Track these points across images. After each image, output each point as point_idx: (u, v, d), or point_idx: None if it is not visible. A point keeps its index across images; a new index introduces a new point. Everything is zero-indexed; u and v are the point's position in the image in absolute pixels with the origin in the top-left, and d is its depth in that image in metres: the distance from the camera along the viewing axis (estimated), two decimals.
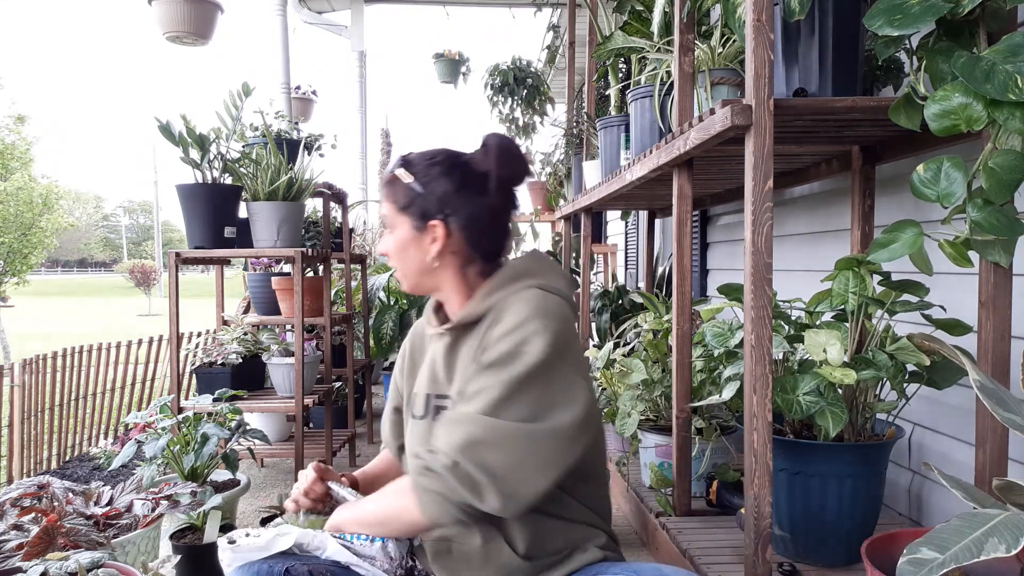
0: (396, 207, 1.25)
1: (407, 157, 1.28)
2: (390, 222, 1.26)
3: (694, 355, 2.01)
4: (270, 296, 3.22)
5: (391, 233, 1.26)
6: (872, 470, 1.56)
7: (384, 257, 1.30)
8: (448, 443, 1.08)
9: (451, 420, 1.12)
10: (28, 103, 76.54)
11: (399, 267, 1.27)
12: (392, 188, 1.26)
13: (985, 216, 1.21)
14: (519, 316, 1.13)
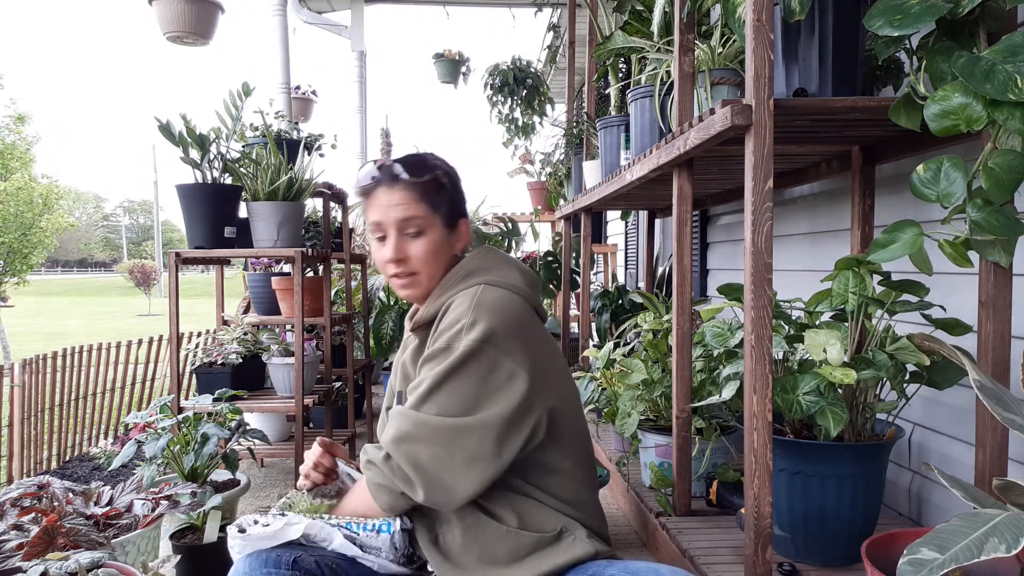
0: (431, 209, 1.25)
1: (432, 160, 1.29)
2: (420, 225, 1.24)
3: (694, 355, 2.01)
4: (270, 296, 3.22)
5: (421, 236, 1.25)
6: (872, 470, 1.56)
7: (394, 266, 1.25)
8: (385, 437, 1.16)
9: (392, 414, 1.21)
10: (28, 103, 76.59)
11: (427, 271, 1.26)
12: (425, 190, 1.25)
13: (985, 216, 1.21)
14: (455, 312, 1.19)
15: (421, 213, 1.24)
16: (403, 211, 1.23)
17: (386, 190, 1.25)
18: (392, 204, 1.24)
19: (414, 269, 1.25)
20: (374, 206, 1.26)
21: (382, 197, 1.25)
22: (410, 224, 1.24)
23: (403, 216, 1.23)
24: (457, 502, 1.13)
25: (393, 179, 1.24)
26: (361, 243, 5.57)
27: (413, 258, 1.24)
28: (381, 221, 1.25)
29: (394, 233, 1.24)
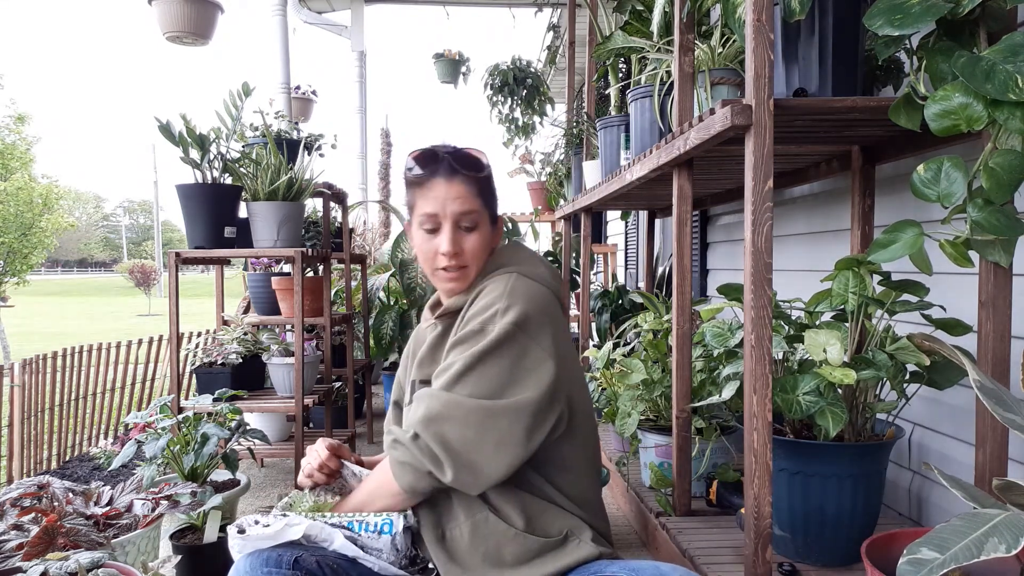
0: (483, 204, 1.26)
1: (482, 157, 1.29)
2: (476, 218, 1.24)
3: (694, 355, 2.00)
4: (270, 296, 3.22)
5: (475, 230, 1.25)
6: (872, 470, 1.56)
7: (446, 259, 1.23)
8: (412, 417, 1.16)
9: (419, 396, 1.20)
10: (28, 103, 76.63)
11: (476, 264, 1.26)
12: (480, 186, 1.25)
13: (985, 216, 1.21)
14: (488, 297, 1.20)
15: (477, 208, 1.24)
16: (462, 204, 1.22)
17: (445, 182, 1.23)
18: (451, 197, 1.22)
19: (465, 263, 1.24)
20: (429, 197, 1.23)
21: (439, 188, 1.22)
22: (467, 218, 1.23)
23: (463, 210, 1.22)
24: (484, 485, 1.13)
25: (453, 171, 1.23)
26: (361, 243, 5.57)
27: (467, 252, 1.24)
28: (436, 213, 1.23)
29: (450, 226, 1.22)
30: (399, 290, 4.29)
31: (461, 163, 1.23)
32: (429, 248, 1.24)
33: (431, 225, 1.23)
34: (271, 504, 2.61)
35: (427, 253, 1.25)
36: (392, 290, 4.48)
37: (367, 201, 6.59)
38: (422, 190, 1.24)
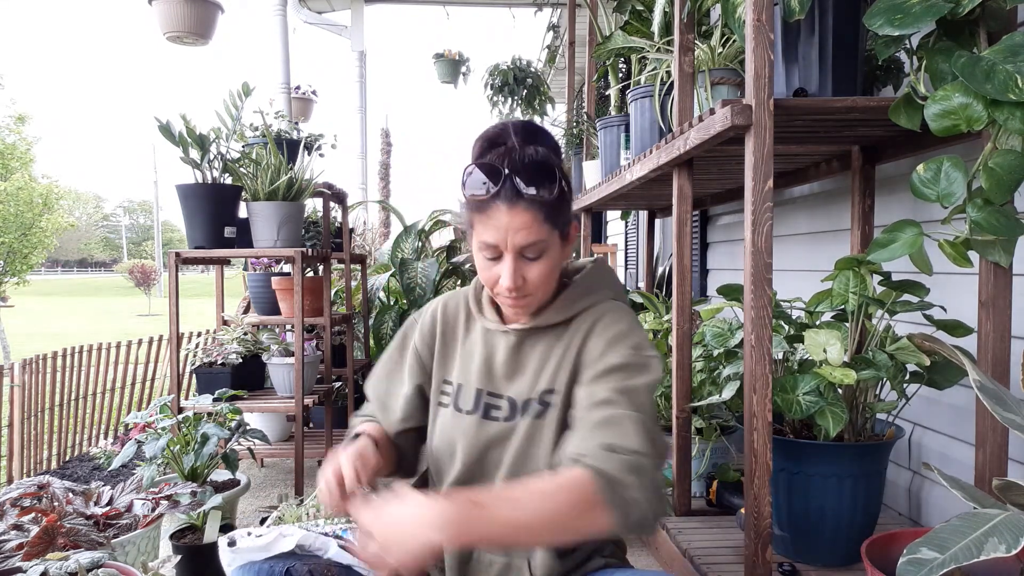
0: (551, 228, 1.08)
1: (554, 162, 1.10)
2: (542, 248, 1.08)
3: (694, 355, 2.00)
4: (270, 296, 3.22)
5: (541, 258, 1.09)
6: (872, 470, 1.56)
7: (508, 291, 1.09)
8: (636, 442, 0.98)
9: (614, 420, 1.01)
10: (29, 103, 76.62)
11: (542, 292, 1.12)
12: (550, 209, 1.07)
13: (985, 216, 1.21)
14: (621, 326, 1.12)
15: (544, 236, 1.07)
16: (526, 236, 1.06)
17: (507, 208, 1.05)
18: (514, 228, 1.06)
19: (529, 292, 1.11)
20: (489, 225, 1.07)
21: (500, 216, 1.06)
22: (532, 248, 1.07)
23: (526, 242, 1.06)
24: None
25: (516, 195, 1.05)
26: (361, 243, 5.57)
27: (530, 282, 1.10)
28: (497, 243, 1.07)
29: (511, 257, 1.07)
30: (399, 290, 4.29)
31: (529, 180, 1.06)
32: (490, 275, 1.12)
33: (491, 254, 1.09)
34: (271, 504, 2.61)
35: (488, 279, 1.13)
36: (392, 290, 4.48)
37: (367, 201, 6.59)
38: (480, 215, 1.08)
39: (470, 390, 1.20)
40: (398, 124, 71.75)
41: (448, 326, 1.26)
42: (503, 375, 1.18)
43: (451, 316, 1.27)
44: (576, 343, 1.14)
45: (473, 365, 1.21)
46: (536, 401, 1.15)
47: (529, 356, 1.17)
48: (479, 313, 1.23)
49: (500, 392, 1.18)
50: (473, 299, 1.25)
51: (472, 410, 1.19)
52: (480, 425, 1.17)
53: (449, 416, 1.21)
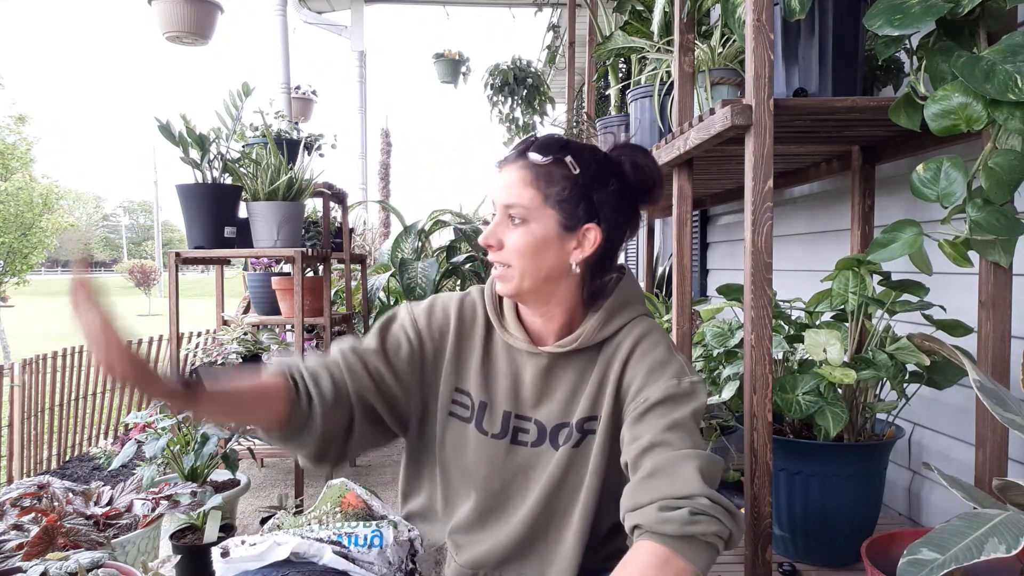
0: (544, 197, 1.06)
1: (568, 143, 1.10)
2: (525, 213, 1.06)
3: (694, 355, 2.00)
4: (270, 296, 3.22)
5: (523, 225, 1.06)
6: (872, 470, 1.56)
7: (490, 249, 1.09)
8: (689, 486, 0.95)
9: (661, 468, 0.98)
10: (29, 103, 76.68)
11: (522, 266, 1.07)
12: (545, 173, 1.07)
13: (985, 216, 1.21)
14: (660, 351, 1.10)
15: (526, 200, 1.06)
16: (509, 195, 1.07)
17: (501, 169, 1.10)
18: (500, 184, 1.08)
19: (505, 260, 1.08)
20: (491, 187, 1.11)
21: (496, 177, 1.10)
22: (513, 210, 1.06)
23: (507, 201, 1.07)
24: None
25: (518, 155, 1.09)
26: (361, 243, 5.57)
27: (506, 248, 1.07)
28: (493, 200, 1.10)
29: (496, 216, 1.09)
30: (399, 290, 4.29)
31: (531, 146, 1.08)
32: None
33: (494, 212, 1.11)
34: (271, 504, 2.61)
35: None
36: (392, 290, 4.48)
37: (367, 201, 6.59)
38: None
39: (496, 412, 1.14)
40: (398, 124, 71.79)
41: (464, 330, 1.18)
42: (531, 397, 1.14)
43: (467, 321, 1.19)
44: (615, 369, 1.10)
45: (499, 384, 1.15)
46: (575, 428, 1.11)
47: (560, 379, 1.13)
48: (501, 327, 1.16)
49: (528, 415, 1.14)
50: (492, 309, 1.17)
51: (500, 434, 1.14)
52: (508, 451, 1.13)
53: (472, 436, 1.15)
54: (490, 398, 1.15)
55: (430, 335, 1.17)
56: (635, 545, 0.93)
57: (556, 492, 1.11)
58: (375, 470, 3.37)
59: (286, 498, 2.42)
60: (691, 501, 0.93)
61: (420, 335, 1.17)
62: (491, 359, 1.17)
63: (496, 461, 1.13)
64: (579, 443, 1.11)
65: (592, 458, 1.10)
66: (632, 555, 0.92)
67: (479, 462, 1.14)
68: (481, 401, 1.15)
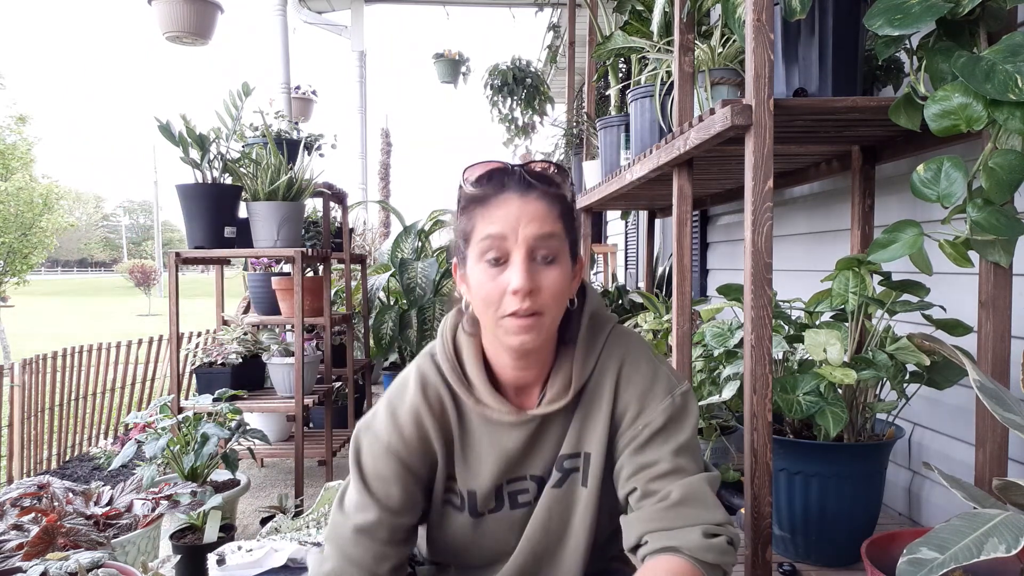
0: (565, 232, 0.96)
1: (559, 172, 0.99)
2: (557, 249, 0.94)
3: (694, 355, 2.00)
4: (270, 296, 3.22)
5: (554, 264, 0.94)
6: (872, 470, 1.56)
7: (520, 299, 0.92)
8: (716, 512, 0.97)
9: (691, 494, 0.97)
10: (29, 103, 76.74)
11: (554, 312, 0.96)
12: (564, 207, 0.96)
13: (985, 216, 1.21)
14: (644, 368, 1.04)
15: (559, 232, 0.94)
16: (541, 226, 0.92)
17: (518, 195, 0.93)
18: (527, 216, 0.92)
19: (542, 307, 0.93)
20: (496, 216, 0.93)
21: (512, 203, 0.93)
22: (545, 245, 0.93)
23: (541, 232, 0.92)
24: None
25: (527, 184, 0.94)
26: (361, 243, 5.57)
27: (545, 291, 0.93)
28: (505, 235, 0.92)
29: (522, 255, 0.91)
30: (399, 290, 4.29)
31: (538, 177, 0.95)
32: (493, 288, 0.93)
33: (496, 253, 0.92)
34: (271, 504, 2.60)
35: (490, 294, 0.93)
36: (392, 290, 4.48)
37: (367, 201, 6.59)
38: (485, 208, 0.94)
39: (487, 493, 1.06)
40: (398, 124, 71.85)
41: (440, 422, 1.04)
42: (520, 460, 1.05)
43: (438, 409, 1.04)
44: (605, 401, 1.03)
45: (483, 468, 1.05)
46: (555, 468, 1.05)
47: (550, 432, 1.05)
48: (474, 401, 1.03)
49: (521, 475, 1.06)
50: (457, 381, 1.03)
51: (495, 507, 1.07)
52: (510, 516, 1.08)
53: (468, 522, 1.08)
54: (477, 484, 1.06)
55: (410, 453, 1.03)
56: (675, 562, 0.92)
57: (540, 537, 1.07)
58: None
59: (286, 498, 2.42)
60: (724, 529, 0.95)
61: (402, 459, 1.03)
62: (469, 441, 1.05)
63: (500, 530, 1.08)
64: (560, 482, 1.05)
65: (583, 495, 1.05)
66: (670, 570, 0.92)
67: (481, 539, 1.09)
68: (469, 490, 1.06)
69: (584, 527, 1.04)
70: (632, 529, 0.99)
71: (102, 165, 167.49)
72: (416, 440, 1.02)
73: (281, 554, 1.16)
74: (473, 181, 0.96)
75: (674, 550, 0.94)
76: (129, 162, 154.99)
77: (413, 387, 1.04)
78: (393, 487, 1.01)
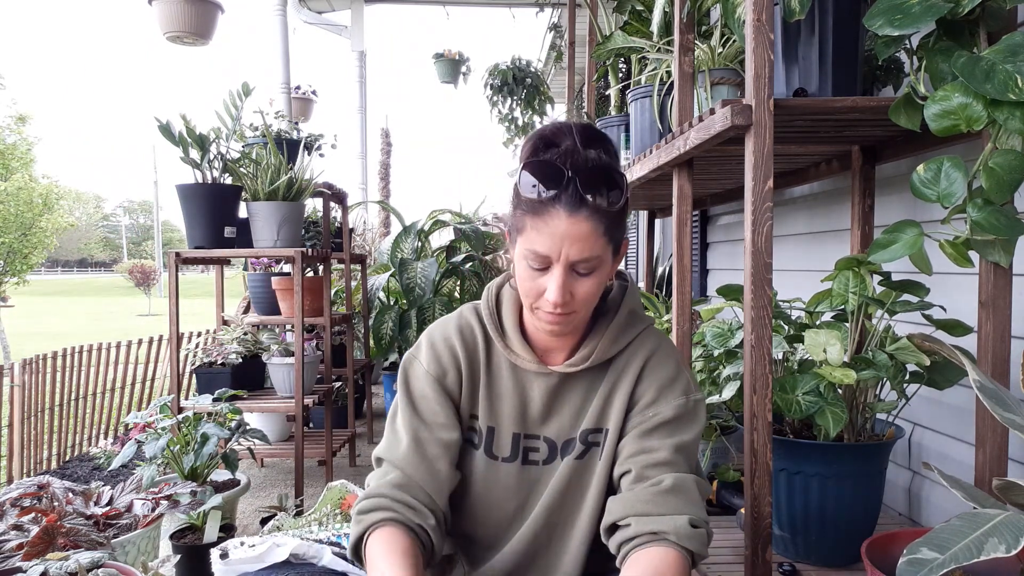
0: (608, 241, 0.98)
1: (618, 169, 1.00)
2: (596, 264, 0.98)
3: (694, 355, 2.00)
4: (270, 296, 3.22)
5: (591, 274, 0.99)
6: (872, 470, 1.56)
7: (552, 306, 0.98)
8: (703, 510, 1.06)
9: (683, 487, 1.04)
10: (29, 103, 76.67)
11: (585, 310, 1.03)
12: (612, 220, 0.97)
13: (985, 216, 1.21)
14: (667, 370, 1.10)
15: (600, 251, 0.97)
16: (582, 250, 0.95)
17: (566, 215, 0.94)
18: (572, 238, 0.95)
19: (574, 309, 1.01)
20: (544, 232, 0.95)
21: (558, 223, 0.94)
22: (586, 263, 0.97)
23: (581, 257, 0.96)
24: None
25: (579, 201, 0.94)
26: (361, 243, 5.57)
27: (577, 299, 0.99)
28: (548, 255, 0.96)
29: (561, 271, 0.96)
30: (399, 290, 4.29)
31: (593, 186, 0.95)
32: (533, 286, 1.00)
33: (538, 264, 0.98)
34: (272, 504, 2.61)
35: (529, 290, 1.01)
36: (392, 290, 4.48)
37: (367, 201, 6.59)
38: (534, 218, 0.96)
39: (505, 435, 1.11)
40: (398, 124, 71.91)
41: (471, 358, 1.13)
42: (539, 416, 1.11)
43: (471, 346, 1.13)
44: (627, 384, 1.10)
45: (504, 407, 1.11)
46: (579, 440, 1.11)
47: (569, 396, 1.11)
48: (504, 347, 1.11)
49: (536, 433, 1.12)
50: (493, 328, 1.12)
51: (510, 457, 1.12)
52: (520, 472, 1.12)
53: (481, 462, 1.12)
54: (497, 422, 1.12)
55: (451, 375, 1.12)
56: (662, 552, 0.98)
57: (558, 505, 1.11)
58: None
59: (286, 498, 2.42)
60: (706, 525, 1.03)
61: (441, 383, 1.12)
62: (495, 381, 1.13)
63: (511, 484, 1.12)
64: (583, 455, 1.11)
65: (598, 469, 1.10)
66: (662, 563, 0.97)
67: (490, 487, 1.12)
68: (489, 426, 1.12)
69: (596, 499, 1.10)
70: (618, 507, 1.04)
71: (102, 165, 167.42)
72: (451, 366, 1.11)
73: (284, 549, 1.16)
74: (523, 189, 0.97)
75: (662, 536, 0.99)
76: (129, 162, 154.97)
77: (452, 323, 1.15)
78: (436, 405, 1.10)
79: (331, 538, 1.20)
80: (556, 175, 0.95)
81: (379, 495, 1.03)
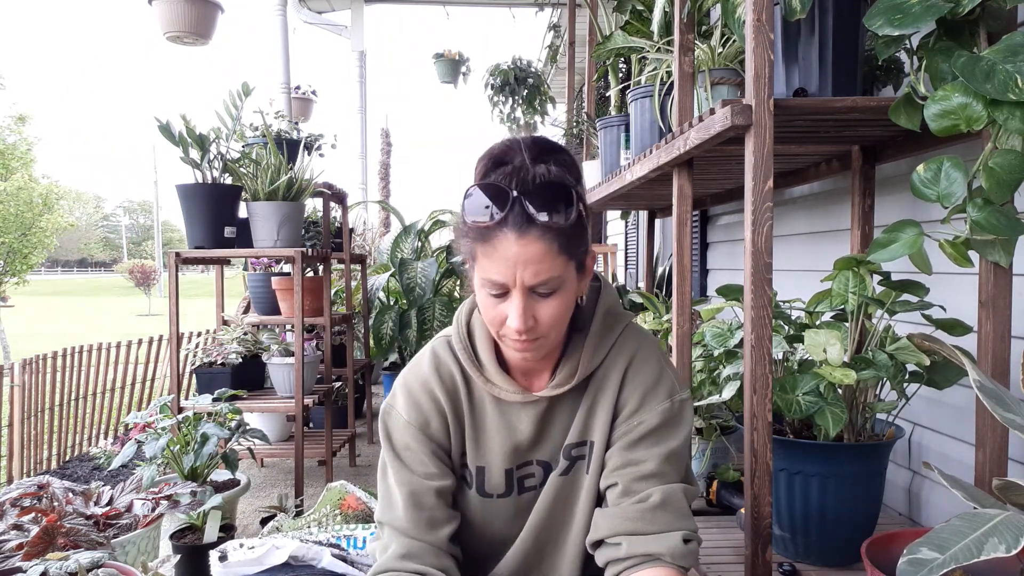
0: (567, 258, 0.94)
1: (569, 178, 0.95)
2: (556, 284, 0.93)
3: (694, 355, 2.00)
4: (270, 296, 3.22)
5: (553, 295, 0.94)
6: (872, 470, 1.56)
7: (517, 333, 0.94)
8: (692, 521, 1.04)
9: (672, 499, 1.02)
10: (29, 103, 76.64)
11: (556, 333, 0.98)
12: (566, 237, 0.92)
13: (985, 216, 1.21)
14: (653, 367, 1.07)
15: (559, 272, 0.92)
16: (537, 273, 0.91)
17: (515, 238, 0.90)
18: (524, 261, 0.90)
19: (541, 334, 0.96)
20: (494, 258, 0.91)
21: (508, 247, 0.90)
22: (544, 284, 0.92)
23: (537, 280, 0.91)
24: None
25: (526, 221, 0.90)
26: (361, 243, 5.57)
27: (542, 323, 0.94)
28: (504, 282, 0.92)
29: (520, 295, 0.92)
30: (399, 290, 4.29)
31: (541, 204, 0.90)
32: (495, 314, 0.95)
33: (496, 291, 0.94)
34: (272, 504, 2.60)
35: (492, 319, 0.97)
36: (392, 290, 4.48)
37: (367, 201, 6.59)
38: (483, 244, 0.92)
39: (495, 474, 1.08)
40: (398, 124, 71.84)
41: (453, 399, 1.08)
42: (529, 443, 1.08)
43: (450, 388, 1.08)
44: (610, 390, 1.07)
45: (493, 445, 1.07)
46: (562, 456, 1.08)
47: (558, 415, 1.08)
48: (484, 381, 1.06)
49: (529, 459, 1.10)
50: (469, 362, 1.07)
51: (504, 493, 1.10)
52: (518, 502, 1.10)
53: (477, 501, 1.10)
54: (487, 461, 1.08)
55: (429, 427, 1.08)
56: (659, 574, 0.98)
57: (547, 524, 1.10)
58: (375, 470, 3.38)
59: (286, 498, 2.42)
60: (695, 536, 1.03)
61: (425, 432, 1.08)
62: (479, 420, 1.08)
63: (507, 515, 1.11)
64: (567, 470, 1.08)
65: (586, 483, 1.08)
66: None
67: (487, 520, 1.11)
68: (478, 466, 1.09)
69: (586, 513, 1.08)
70: (605, 523, 1.02)
71: (102, 165, 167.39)
72: (433, 412, 1.07)
73: (283, 551, 1.16)
74: (469, 215, 0.93)
75: (658, 558, 0.98)
76: (129, 162, 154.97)
77: (426, 364, 1.09)
78: (422, 455, 1.06)
79: (330, 539, 1.20)
80: (500, 196, 0.90)
81: (388, 570, 1.00)
